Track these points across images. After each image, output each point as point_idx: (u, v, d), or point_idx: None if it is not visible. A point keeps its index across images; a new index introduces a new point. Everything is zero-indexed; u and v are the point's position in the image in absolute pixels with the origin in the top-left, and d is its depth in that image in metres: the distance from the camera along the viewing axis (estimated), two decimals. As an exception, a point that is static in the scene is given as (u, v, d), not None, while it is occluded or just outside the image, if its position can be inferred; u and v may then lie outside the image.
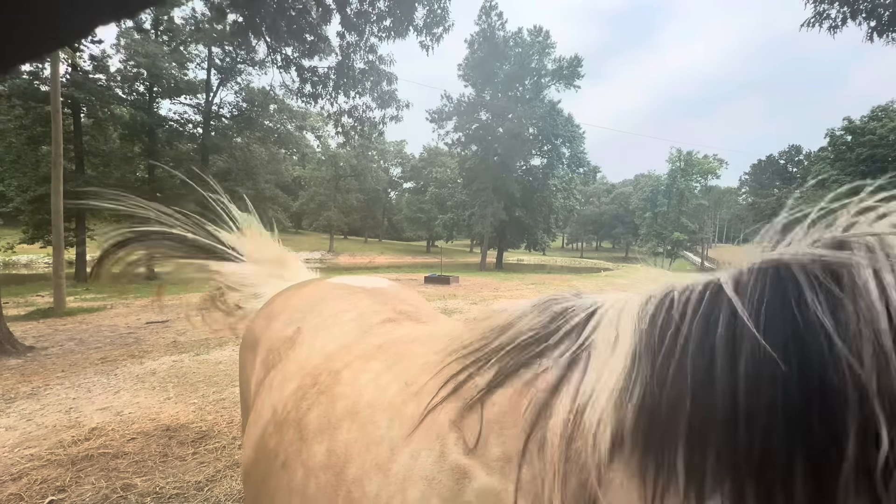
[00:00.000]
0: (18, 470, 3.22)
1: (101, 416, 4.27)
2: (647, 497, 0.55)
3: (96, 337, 7.74)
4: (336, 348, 1.19)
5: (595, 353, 0.71)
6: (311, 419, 0.99)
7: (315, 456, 0.92)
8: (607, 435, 0.60)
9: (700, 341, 0.58)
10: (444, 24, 10.72)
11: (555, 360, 0.75)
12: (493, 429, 0.72)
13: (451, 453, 0.73)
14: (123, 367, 5.87)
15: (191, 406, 4.56)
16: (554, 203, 39.32)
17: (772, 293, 0.55)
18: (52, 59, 10.68)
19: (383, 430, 0.85)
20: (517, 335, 0.82)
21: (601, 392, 0.65)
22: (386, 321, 1.30)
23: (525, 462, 0.66)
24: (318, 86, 11.90)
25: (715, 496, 0.52)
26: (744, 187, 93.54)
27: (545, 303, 0.86)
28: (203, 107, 24.13)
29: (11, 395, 4.81)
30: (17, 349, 6.59)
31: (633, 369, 0.63)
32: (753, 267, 0.61)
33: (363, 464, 0.83)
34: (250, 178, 25.74)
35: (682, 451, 0.54)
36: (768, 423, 0.49)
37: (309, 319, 1.41)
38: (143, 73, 20.99)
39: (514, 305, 0.91)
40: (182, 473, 3.21)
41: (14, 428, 3.97)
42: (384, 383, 0.95)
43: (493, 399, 0.75)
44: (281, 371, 1.26)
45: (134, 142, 23.04)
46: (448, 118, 37.30)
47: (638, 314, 0.69)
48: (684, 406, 0.55)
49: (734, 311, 0.56)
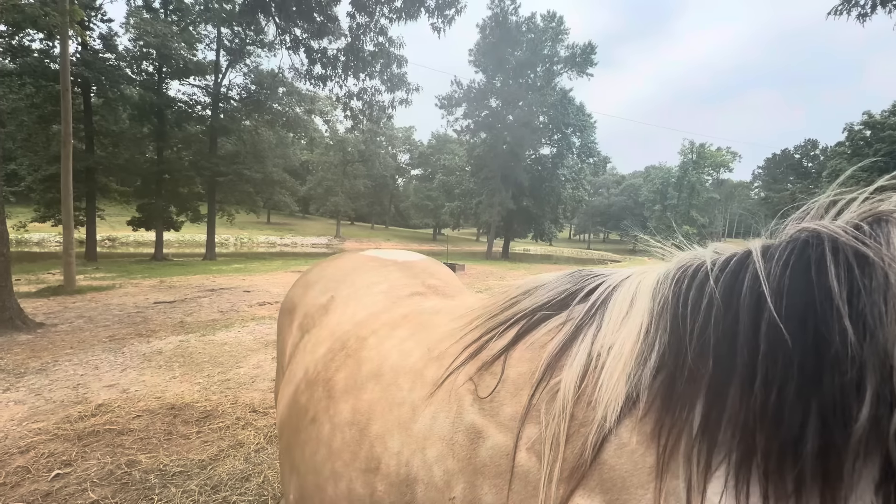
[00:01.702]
0: (26, 443, 3.26)
1: (107, 392, 4.32)
2: (657, 458, 0.55)
3: (105, 315, 7.83)
4: (365, 316, 1.25)
5: (612, 312, 0.70)
6: (339, 379, 1.07)
7: (341, 413, 0.99)
8: (622, 392, 0.60)
9: (724, 301, 0.57)
10: (456, 6, 10.49)
11: (571, 319, 0.75)
12: (508, 388, 0.73)
13: (468, 414, 0.75)
14: (131, 346, 5.93)
15: (196, 385, 4.60)
16: (562, 193, 38.85)
17: (797, 258, 0.55)
18: (62, 37, 10.61)
19: (405, 392, 0.90)
20: (536, 300, 0.85)
21: (617, 349, 0.64)
22: (414, 294, 1.38)
23: (531, 418, 0.67)
24: (327, 67, 11.74)
25: (722, 459, 0.51)
26: (756, 181, 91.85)
27: (568, 273, 0.88)
28: (212, 88, 23.97)
29: (21, 369, 4.88)
30: (28, 325, 6.68)
31: (652, 327, 0.63)
32: (785, 236, 0.61)
33: (385, 422, 0.88)
34: (258, 162, 25.66)
35: (699, 410, 0.54)
36: (785, 382, 0.49)
37: (342, 289, 1.49)
38: (153, 52, 20.84)
39: (536, 277, 0.93)
40: (186, 451, 3.24)
41: (23, 402, 4.02)
42: (407, 349, 1.01)
43: (510, 360, 0.77)
44: (314, 335, 1.34)
45: (143, 122, 23.01)
46: (458, 104, 36.81)
47: (659, 278, 0.69)
48: (706, 365, 0.55)
49: (758, 272, 0.56)
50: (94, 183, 20.36)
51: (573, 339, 0.71)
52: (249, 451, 3.26)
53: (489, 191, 35.73)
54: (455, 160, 56.76)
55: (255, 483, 2.88)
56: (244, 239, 47.33)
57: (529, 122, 34.20)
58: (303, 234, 56.62)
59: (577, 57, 34.63)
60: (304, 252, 40.73)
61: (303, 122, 27.94)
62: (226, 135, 24.60)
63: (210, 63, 23.67)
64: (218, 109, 24.00)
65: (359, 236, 60.47)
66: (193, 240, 37.17)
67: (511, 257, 38.65)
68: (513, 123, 34.48)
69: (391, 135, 66.51)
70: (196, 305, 9.10)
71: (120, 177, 22.91)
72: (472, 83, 35.79)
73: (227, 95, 24.61)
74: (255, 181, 25.41)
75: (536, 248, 68.35)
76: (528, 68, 34.86)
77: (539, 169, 37.96)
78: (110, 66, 20.11)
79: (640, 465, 0.56)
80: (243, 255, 30.86)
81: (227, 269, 17.07)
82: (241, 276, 14.35)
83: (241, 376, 4.93)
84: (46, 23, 9.10)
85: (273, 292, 11.10)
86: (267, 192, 28.44)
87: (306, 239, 54.40)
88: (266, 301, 9.80)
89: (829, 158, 50.82)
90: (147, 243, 29.97)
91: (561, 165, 37.87)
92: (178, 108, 23.29)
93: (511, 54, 34.12)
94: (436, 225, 71.16)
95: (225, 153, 24.72)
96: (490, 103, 35.72)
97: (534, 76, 35.40)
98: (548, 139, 38.03)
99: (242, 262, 22.57)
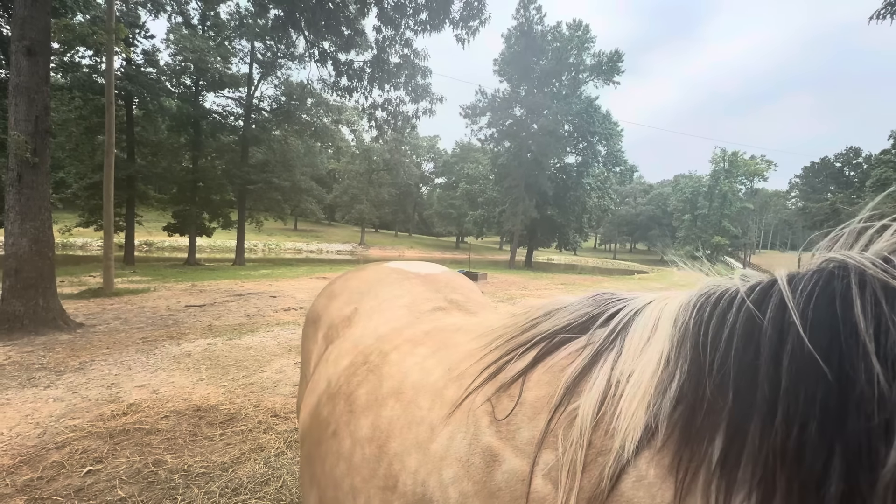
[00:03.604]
0: (62, 439, 3.42)
1: (138, 392, 4.49)
2: (675, 493, 0.53)
3: (139, 317, 8.17)
4: (387, 331, 1.27)
5: (633, 338, 0.69)
6: (360, 394, 1.08)
7: (361, 428, 1.00)
8: (641, 422, 0.58)
9: (746, 332, 0.56)
10: (480, 17, 10.58)
11: (591, 343, 0.75)
12: (526, 411, 0.73)
13: (484, 436, 0.75)
14: (162, 348, 6.16)
15: (221, 388, 4.73)
16: (588, 202, 38.36)
17: (822, 290, 0.53)
18: (108, 53, 11.28)
19: (425, 410, 0.90)
20: (557, 322, 0.84)
21: (637, 377, 0.63)
22: (436, 309, 1.39)
23: (548, 444, 0.66)
24: (353, 79, 12.03)
25: (742, 499, 0.49)
26: (794, 191, 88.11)
27: (589, 297, 0.88)
28: (244, 100, 24.95)
29: (61, 367, 5.14)
30: (69, 325, 7.04)
31: (673, 356, 0.62)
32: (812, 265, 0.59)
33: (404, 440, 0.89)
34: (287, 170, 26.46)
35: (718, 445, 0.53)
36: (806, 420, 0.47)
37: (365, 301, 1.51)
38: (191, 66, 21.90)
39: (557, 298, 0.93)
40: (209, 453, 3.33)
41: (61, 399, 4.23)
42: (428, 367, 1.01)
43: (528, 383, 0.76)
44: (337, 347, 1.36)
45: (180, 133, 24.12)
46: (482, 114, 36.99)
47: (681, 304, 0.68)
48: (726, 396, 0.54)
49: (782, 303, 0.54)
50: (133, 190, 21.42)
51: (593, 363, 0.70)
52: (270, 456, 3.33)
53: (513, 199, 35.59)
54: (479, 169, 56.91)
55: (273, 487, 2.93)
56: (272, 245, 48.63)
57: (554, 131, 33.98)
58: (328, 241, 57.75)
59: (604, 65, 34.28)
60: (328, 259, 41.47)
61: (330, 132, 28.68)
62: (257, 144, 25.49)
63: (243, 76, 24.66)
64: (250, 120, 24.92)
65: (382, 244, 61.17)
66: (224, 245, 38.44)
67: (534, 266, 38.24)
68: (537, 132, 34.34)
69: (415, 144, 67.36)
70: (224, 309, 9.39)
71: (158, 184, 24.05)
72: (497, 92, 35.93)
73: (258, 106, 25.54)
74: (284, 189, 26.17)
75: (560, 257, 67.43)
76: (554, 77, 34.75)
77: (564, 178, 37.59)
78: (151, 79, 21.22)
79: (657, 500, 0.54)
80: (270, 261, 31.71)
81: (254, 275, 17.56)
82: (268, 282, 14.73)
83: (265, 380, 5.04)
84: (95, 41, 9.69)
85: (298, 298, 11.34)
86: (294, 199, 29.21)
87: (331, 246, 55.43)
88: (291, 307, 10.01)
89: (874, 167, 48.27)
90: (181, 248, 31.21)
91: (586, 174, 37.42)
92: (213, 118, 24.32)
93: (536, 63, 34.11)
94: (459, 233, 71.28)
95: (255, 162, 25.58)
96: (514, 112, 35.72)
97: (559, 85, 35.26)
98: (573, 148, 37.67)
99: (270, 267, 23.17)
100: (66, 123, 19.70)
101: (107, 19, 10.48)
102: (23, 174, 6.58)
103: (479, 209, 48.05)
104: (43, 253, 6.85)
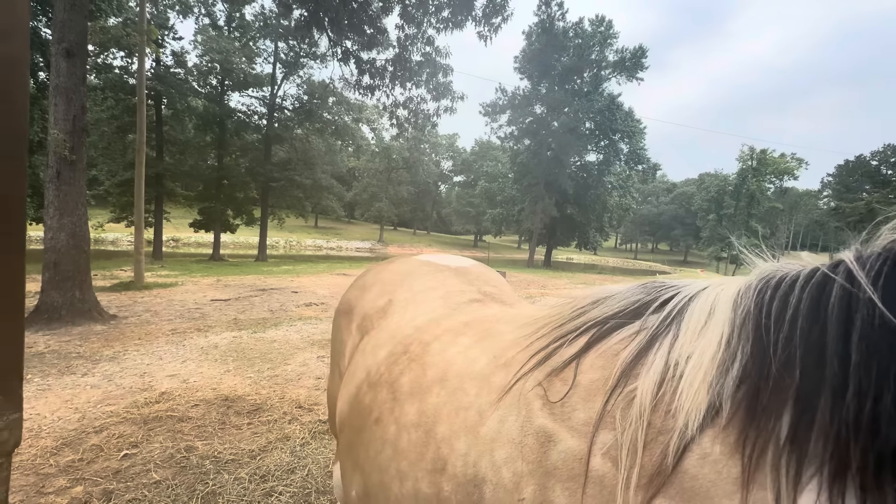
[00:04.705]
0: (100, 424, 3.57)
1: (169, 381, 4.65)
2: (743, 469, 0.54)
3: (168, 310, 8.44)
4: (425, 322, 1.28)
5: (690, 322, 0.70)
6: (404, 383, 1.09)
7: (407, 415, 1.02)
8: (703, 401, 0.59)
9: (811, 312, 0.56)
10: (502, 14, 10.53)
11: (645, 329, 0.75)
12: (580, 394, 0.74)
13: (537, 417, 0.76)
14: (190, 339, 6.36)
15: (247, 379, 4.85)
16: (609, 201, 37.68)
17: (891, 269, 0.54)
18: (140, 55, 11.66)
19: (472, 397, 0.91)
20: (607, 310, 0.85)
21: (697, 359, 0.64)
22: (472, 301, 1.40)
23: (605, 424, 0.67)
24: (375, 77, 12.13)
25: (814, 473, 0.50)
26: (826, 190, 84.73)
27: (639, 285, 0.88)
28: (268, 99, 25.44)
29: (97, 357, 5.36)
30: (103, 317, 7.33)
31: (734, 338, 0.62)
32: (876, 247, 0.60)
33: (452, 425, 0.90)
34: (308, 168, 26.89)
35: (786, 421, 0.53)
36: (881, 392, 0.48)
37: (399, 293, 1.52)
38: (217, 67, 22.47)
39: (604, 287, 0.93)
40: (238, 441, 3.42)
41: (97, 386, 4.41)
42: (472, 356, 1.02)
43: (581, 367, 0.77)
44: (374, 337, 1.37)
45: (206, 132, 24.77)
46: (502, 111, 36.74)
47: (739, 289, 0.68)
48: (793, 374, 0.55)
49: (851, 276, 0.55)
50: (162, 187, 22.11)
51: (648, 347, 0.71)
52: (295, 445, 3.40)
53: (532, 198, 35.29)
54: (498, 167, 56.58)
55: (299, 476, 2.99)
56: (293, 241, 49.52)
57: (575, 129, 33.54)
58: (347, 239, 58.45)
59: (627, 61, 33.64)
60: (348, 256, 41.98)
61: (351, 130, 28.99)
62: (279, 143, 25.98)
63: (267, 75, 25.15)
64: (273, 119, 25.41)
65: (401, 241, 61.56)
66: (247, 242, 39.32)
67: (553, 266, 37.89)
68: (558, 130, 33.94)
69: (435, 142, 67.48)
70: (248, 304, 9.61)
71: (184, 182, 24.77)
72: (517, 90, 35.62)
73: (281, 105, 26.01)
74: (305, 187, 26.61)
75: (580, 257, 66.57)
76: (575, 74, 34.25)
77: (584, 176, 37.03)
78: (179, 80, 21.86)
79: (724, 476, 0.55)
80: (292, 258, 32.27)
81: (276, 271, 17.91)
82: (290, 278, 15.00)
83: (289, 373, 5.15)
84: (128, 42, 10.05)
85: (319, 294, 11.52)
86: (315, 197, 29.68)
87: (351, 243, 56.08)
88: (312, 302, 10.18)
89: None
90: (206, 244, 32.04)
91: (608, 172, 36.76)
92: (238, 118, 24.90)
93: (557, 60, 33.66)
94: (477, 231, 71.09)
95: (278, 160, 26.08)
96: (535, 110, 35.39)
97: (580, 82, 34.73)
98: (594, 145, 37.07)
99: (291, 263, 23.60)
100: (98, 123, 20.46)
101: (138, 21, 10.84)
102: (61, 171, 6.87)
103: (497, 207, 47.77)
104: (80, 247, 7.14)
